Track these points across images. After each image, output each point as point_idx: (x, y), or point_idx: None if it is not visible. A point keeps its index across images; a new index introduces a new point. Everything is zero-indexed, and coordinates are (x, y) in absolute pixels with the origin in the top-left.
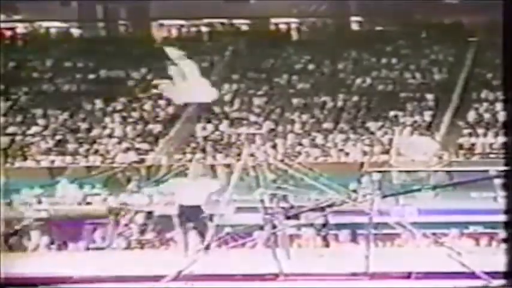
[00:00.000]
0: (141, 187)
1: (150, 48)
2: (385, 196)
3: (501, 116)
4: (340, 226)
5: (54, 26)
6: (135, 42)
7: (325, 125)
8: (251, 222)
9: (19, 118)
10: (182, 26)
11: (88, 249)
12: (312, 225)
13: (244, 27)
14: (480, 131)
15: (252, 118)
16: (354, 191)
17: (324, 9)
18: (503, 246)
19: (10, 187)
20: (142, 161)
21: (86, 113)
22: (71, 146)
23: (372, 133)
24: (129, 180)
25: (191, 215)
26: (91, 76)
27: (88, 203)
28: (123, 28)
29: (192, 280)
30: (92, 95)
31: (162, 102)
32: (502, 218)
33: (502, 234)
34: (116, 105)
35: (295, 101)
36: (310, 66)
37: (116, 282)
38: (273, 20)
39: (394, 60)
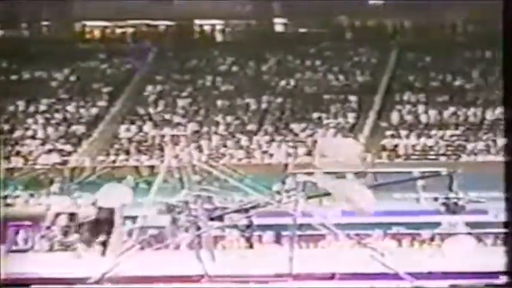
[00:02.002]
0: (64, 189)
1: (73, 49)
2: (309, 197)
3: (425, 118)
4: (264, 227)
5: None
6: (58, 43)
7: (250, 127)
8: (175, 224)
9: None
10: (106, 27)
11: (11, 251)
12: (236, 226)
13: (169, 29)
14: (403, 132)
15: (176, 119)
16: (278, 192)
17: (248, 10)
18: (426, 246)
19: None
20: (65, 162)
21: (8, 114)
22: None
23: (296, 135)
24: (51, 182)
25: (110, 217)
26: (13, 77)
27: (10, 205)
28: (46, 29)
29: (116, 282)
30: (15, 96)
31: (85, 103)
32: (424, 219)
33: (425, 234)
34: (39, 106)
35: (219, 102)
36: (234, 68)
37: (39, 284)
38: (197, 22)
39: (317, 62)
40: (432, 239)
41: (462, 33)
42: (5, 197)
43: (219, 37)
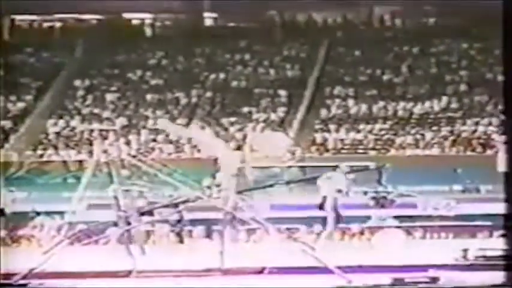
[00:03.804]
0: None
1: (1, 44)
2: (239, 192)
3: (354, 112)
4: (194, 222)
5: None
6: None
7: (179, 121)
8: (104, 219)
9: None
10: (33, 21)
11: None
12: (166, 221)
13: (97, 23)
14: (332, 126)
15: (105, 114)
16: (209, 187)
17: (177, 5)
18: (355, 240)
19: None
20: None
21: None
22: None
23: (226, 129)
24: None
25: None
26: None
27: None
28: None
29: (44, 278)
30: None
31: (13, 97)
32: (353, 212)
33: (355, 228)
34: None
35: (148, 96)
36: (164, 62)
37: None
38: (126, 15)
39: (247, 57)
40: (362, 232)
41: (390, 28)
42: None
43: (148, 31)
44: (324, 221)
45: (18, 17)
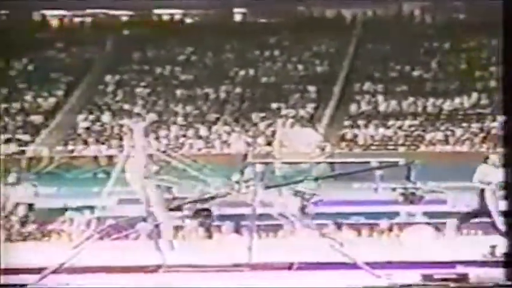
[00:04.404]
0: (22, 179)
1: (32, 38)
2: (267, 187)
3: (383, 108)
4: (223, 217)
5: None
6: (16, 32)
7: (209, 117)
8: (134, 214)
9: None
10: (64, 16)
11: None
12: (195, 216)
13: (127, 18)
14: (362, 122)
15: (135, 109)
16: (237, 182)
17: (207, 0)
18: (384, 236)
19: None
20: (22, 152)
21: None
22: None
23: (255, 125)
24: (9, 172)
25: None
26: None
27: None
28: (4, 18)
29: (74, 272)
30: None
31: (43, 93)
32: (382, 209)
33: (383, 224)
34: None
35: (178, 92)
36: (194, 58)
37: None
38: (156, 11)
39: (276, 52)
40: (390, 229)
41: (420, 24)
42: None
43: (178, 27)
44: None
45: (48, 13)
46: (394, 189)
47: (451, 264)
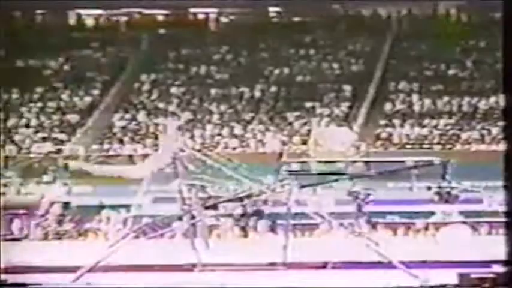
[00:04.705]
0: (58, 177)
1: (67, 38)
2: (303, 186)
3: (418, 107)
4: (258, 216)
5: None
6: (52, 32)
7: (244, 116)
8: (170, 213)
9: None
10: (100, 15)
11: (5, 240)
12: (230, 215)
13: (163, 17)
14: (397, 121)
15: (170, 108)
16: (272, 181)
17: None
18: (420, 235)
19: None
20: (59, 151)
21: (2, 102)
22: None
23: (290, 124)
24: (45, 171)
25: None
26: (7, 66)
27: (4, 194)
28: (40, 17)
29: (110, 270)
30: (8, 85)
31: (79, 92)
32: (418, 208)
33: (419, 223)
34: (33, 95)
35: (213, 91)
36: (229, 57)
37: (33, 273)
38: (192, 10)
39: (312, 51)
40: (426, 228)
41: (456, 22)
42: None
43: (213, 26)
44: None
45: (84, 12)
46: (429, 188)
47: (487, 263)
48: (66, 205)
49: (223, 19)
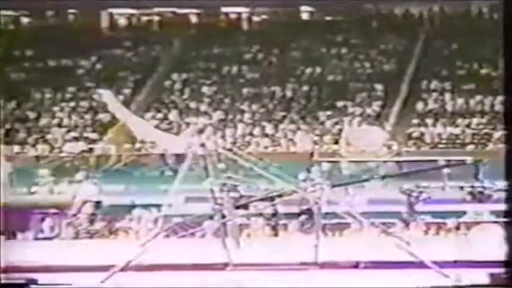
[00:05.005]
0: (90, 176)
1: (100, 37)
2: (334, 186)
3: (451, 106)
4: (289, 216)
5: (3, 14)
6: (84, 31)
7: (275, 115)
8: (201, 212)
9: None
10: (132, 15)
11: (37, 239)
12: (261, 214)
13: (194, 17)
14: (429, 121)
15: (202, 107)
16: (304, 180)
17: None
18: (451, 235)
19: None
20: (91, 150)
21: (35, 102)
22: (19, 135)
23: (322, 123)
24: (77, 170)
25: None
26: (40, 65)
27: (35, 193)
28: (72, 17)
29: (141, 270)
30: (41, 84)
31: (111, 91)
32: (449, 207)
33: (451, 223)
34: (65, 94)
35: (245, 90)
36: (260, 56)
37: (64, 272)
38: (223, 9)
39: (343, 50)
40: (458, 227)
41: (488, 21)
42: (31, 185)
43: (244, 25)
44: None
45: (116, 11)
46: (461, 188)
47: None
48: (97, 204)
49: (255, 18)
